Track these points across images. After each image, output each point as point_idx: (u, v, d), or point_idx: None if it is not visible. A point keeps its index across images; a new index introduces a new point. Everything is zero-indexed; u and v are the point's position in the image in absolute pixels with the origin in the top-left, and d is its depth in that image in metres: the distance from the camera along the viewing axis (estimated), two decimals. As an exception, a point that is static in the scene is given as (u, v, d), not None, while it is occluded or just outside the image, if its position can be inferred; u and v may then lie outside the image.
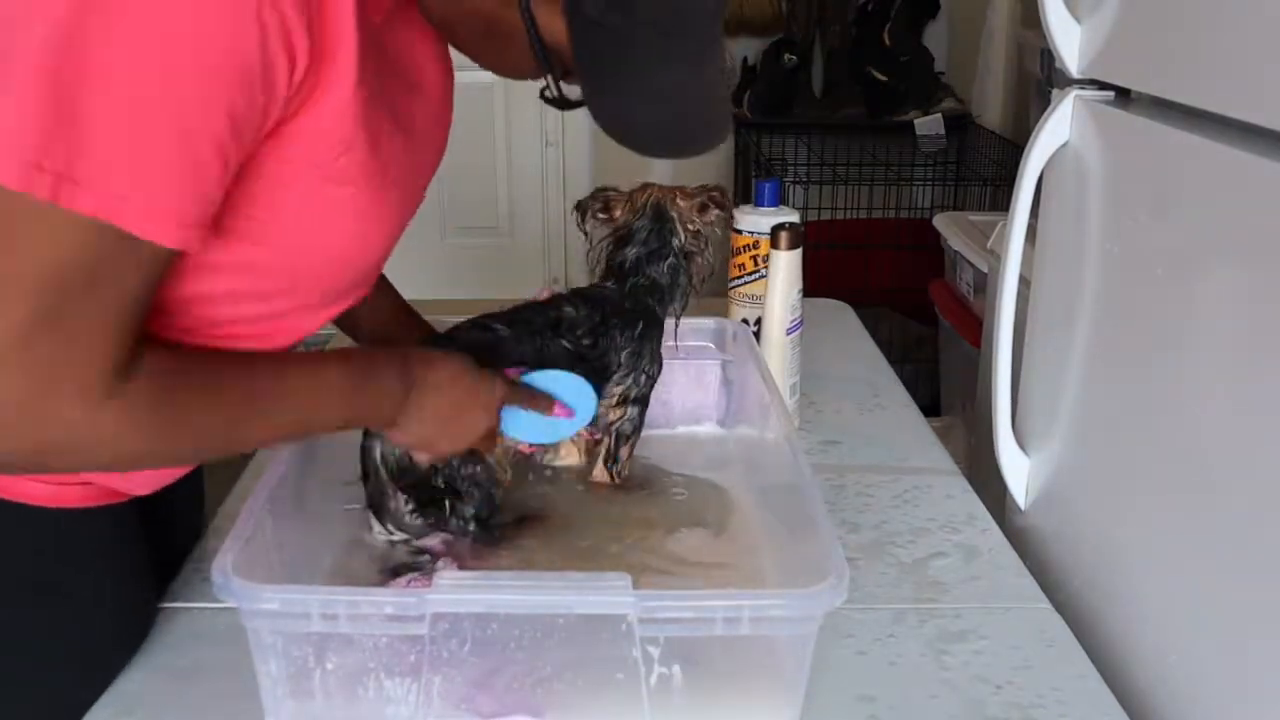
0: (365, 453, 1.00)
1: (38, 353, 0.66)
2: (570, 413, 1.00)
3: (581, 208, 1.18)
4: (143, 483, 0.88)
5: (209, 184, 0.68)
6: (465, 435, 0.92)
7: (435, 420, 0.89)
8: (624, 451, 1.15)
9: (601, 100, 0.79)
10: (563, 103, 0.83)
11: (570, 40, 0.78)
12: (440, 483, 1.00)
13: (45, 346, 0.66)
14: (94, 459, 0.74)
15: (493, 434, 0.95)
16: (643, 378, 1.13)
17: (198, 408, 0.75)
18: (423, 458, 0.97)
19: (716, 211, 1.17)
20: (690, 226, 1.15)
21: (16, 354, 0.65)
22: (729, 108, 0.86)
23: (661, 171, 3.99)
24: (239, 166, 0.71)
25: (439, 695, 0.80)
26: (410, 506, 1.00)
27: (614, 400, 1.12)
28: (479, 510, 1.01)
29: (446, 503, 1.01)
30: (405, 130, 0.84)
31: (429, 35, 0.89)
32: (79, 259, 0.65)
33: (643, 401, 1.14)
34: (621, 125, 0.81)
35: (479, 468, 1.01)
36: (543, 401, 0.98)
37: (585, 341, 1.08)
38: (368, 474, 1.00)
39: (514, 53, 0.82)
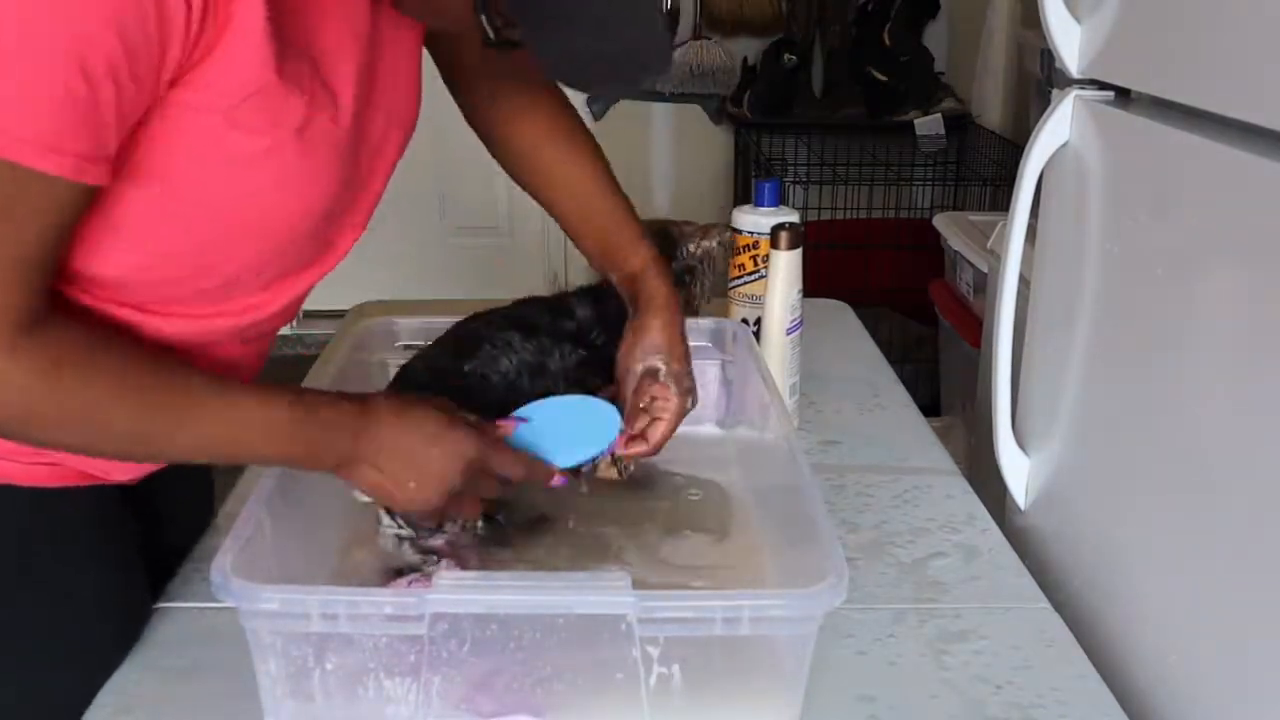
0: None
1: None
2: (556, 476, 0.96)
3: None
4: (121, 469, 0.88)
5: (104, 110, 0.67)
6: (428, 488, 0.86)
7: (390, 469, 0.85)
8: None
9: (538, 38, 0.78)
10: (502, 43, 0.81)
11: None
12: None
13: None
14: (7, 418, 0.73)
15: (469, 490, 0.88)
16: None
17: (106, 381, 0.75)
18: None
19: (718, 238, 1.17)
20: (693, 248, 1.16)
21: None
22: (667, 41, 0.85)
23: (662, 170, 4.00)
24: (143, 106, 0.70)
25: (439, 695, 0.80)
26: None
27: None
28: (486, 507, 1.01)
29: None
30: (356, 100, 0.83)
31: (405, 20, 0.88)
32: None
33: None
34: (558, 63, 0.80)
35: None
36: (527, 468, 0.92)
37: (596, 339, 1.09)
38: None
39: (452, 1, 0.80)
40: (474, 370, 1.03)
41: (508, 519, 1.04)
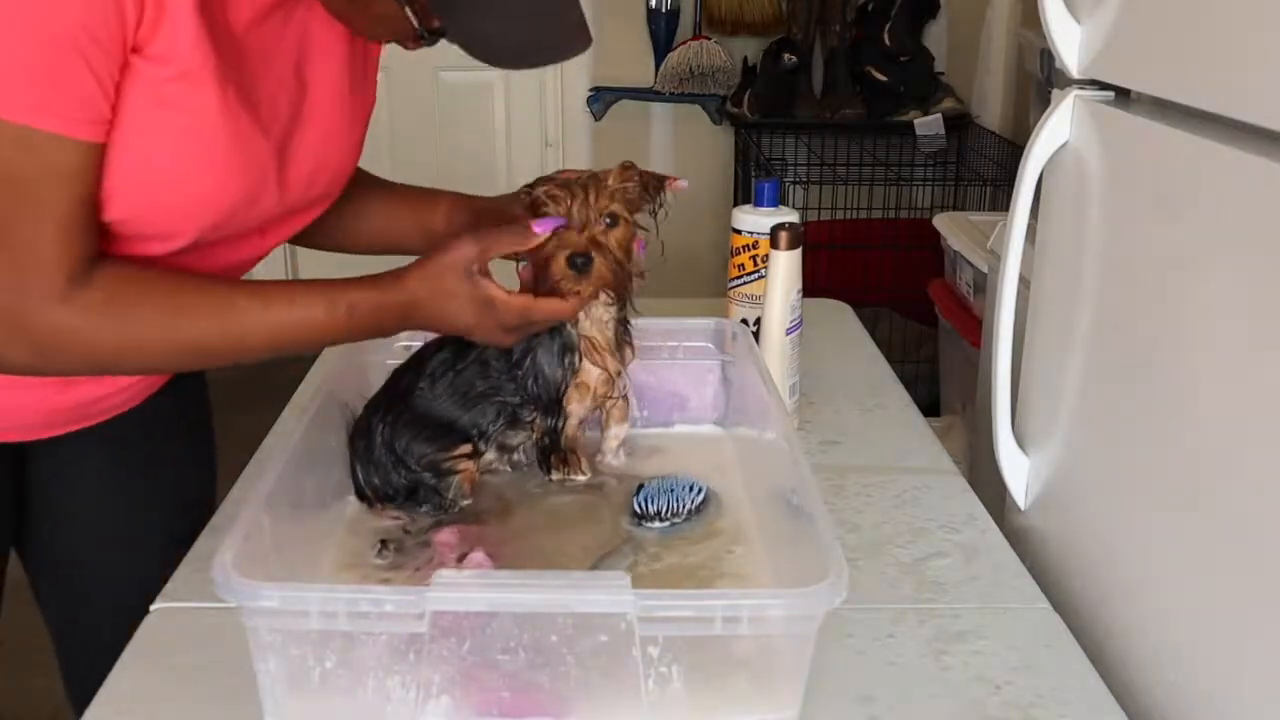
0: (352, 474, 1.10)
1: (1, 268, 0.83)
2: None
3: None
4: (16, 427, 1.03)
5: (81, 83, 0.80)
6: (469, 327, 1.00)
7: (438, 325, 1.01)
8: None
9: (456, 21, 0.87)
10: (429, 35, 0.91)
11: None
12: (403, 483, 1.08)
13: (3, 260, 0.82)
14: (75, 356, 0.89)
15: (498, 310, 0.99)
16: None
17: (154, 305, 0.89)
18: None
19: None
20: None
21: None
22: (581, 18, 0.92)
23: (662, 170, 3.99)
24: (110, 79, 0.82)
25: (438, 693, 0.80)
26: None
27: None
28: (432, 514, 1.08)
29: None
30: (286, 113, 0.97)
31: (331, 32, 1.00)
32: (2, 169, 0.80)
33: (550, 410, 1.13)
34: (479, 43, 0.88)
35: (439, 481, 1.08)
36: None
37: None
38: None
39: (377, 3, 0.90)
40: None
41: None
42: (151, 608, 0.96)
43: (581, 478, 1.14)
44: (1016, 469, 1.20)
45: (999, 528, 1.14)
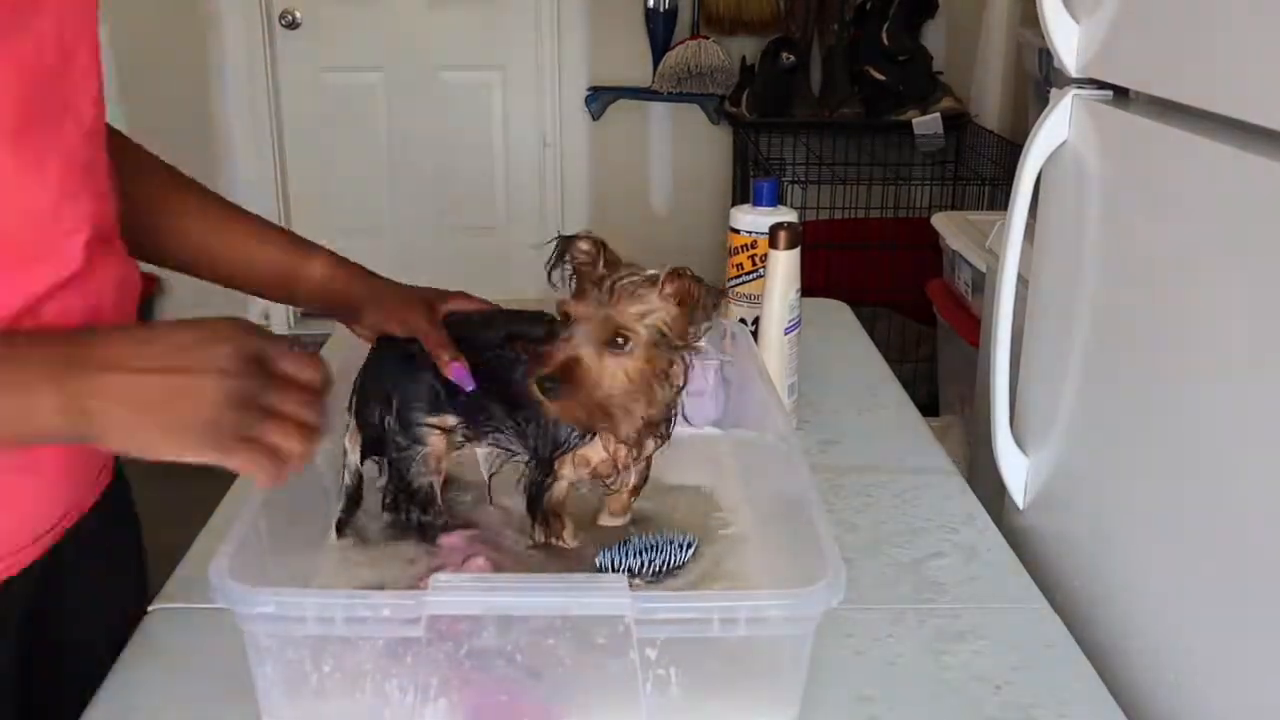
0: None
1: None
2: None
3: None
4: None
5: None
6: (199, 391, 0.66)
7: (141, 388, 0.65)
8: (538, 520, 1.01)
9: None
10: None
11: None
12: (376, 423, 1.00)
13: None
14: None
15: (263, 397, 0.68)
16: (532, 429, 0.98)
17: None
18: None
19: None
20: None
21: None
22: None
23: (660, 170, 3.99)
24: None
25: (436, 697, 0.80)
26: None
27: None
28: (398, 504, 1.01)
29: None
30: None
31: None
32: None
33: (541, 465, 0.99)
34: None
35: (404, 443, 1.00)
36: (319, 364, 0.77)
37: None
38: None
39: None
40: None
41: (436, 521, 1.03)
42: (150, 608, 0.96)
43: (566, 545, 1.01)
44: (1015, 469, 1.20)
45: (998, 527, 1.14)
